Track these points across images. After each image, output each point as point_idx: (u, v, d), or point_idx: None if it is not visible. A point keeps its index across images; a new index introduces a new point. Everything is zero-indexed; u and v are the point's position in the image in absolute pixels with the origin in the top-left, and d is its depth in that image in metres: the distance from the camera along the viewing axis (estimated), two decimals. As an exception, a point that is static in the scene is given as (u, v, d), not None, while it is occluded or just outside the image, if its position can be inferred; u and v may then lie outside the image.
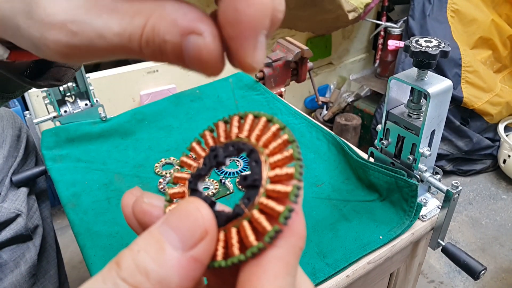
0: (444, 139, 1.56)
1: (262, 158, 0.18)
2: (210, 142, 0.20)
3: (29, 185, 0.72)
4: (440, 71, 1.47)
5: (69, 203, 0.66)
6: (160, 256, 0.15)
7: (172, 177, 0.21)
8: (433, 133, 0.58)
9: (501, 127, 1.62)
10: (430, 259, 1.33)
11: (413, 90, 0.57)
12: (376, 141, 0.64)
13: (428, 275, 1.29)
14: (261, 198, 0.17)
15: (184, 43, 0.16)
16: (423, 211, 0.61)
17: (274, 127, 0.19)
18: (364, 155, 0.69)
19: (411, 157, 0.59)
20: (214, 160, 0.20)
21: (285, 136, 0.18)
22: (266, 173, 0.18)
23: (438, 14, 1.51)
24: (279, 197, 0.17)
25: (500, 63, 1.65)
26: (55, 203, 1.42)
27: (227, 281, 0.20)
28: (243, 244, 0.17)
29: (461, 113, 1.57)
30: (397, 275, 0.68)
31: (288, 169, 0.17)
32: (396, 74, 0.57)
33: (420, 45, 0.52)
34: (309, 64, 1.16)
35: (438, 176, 0.60)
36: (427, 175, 0.60)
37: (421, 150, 0.57)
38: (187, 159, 0.21)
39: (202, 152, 0.21)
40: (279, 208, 0.17)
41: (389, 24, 1.74)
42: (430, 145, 0.59)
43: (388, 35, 1.76)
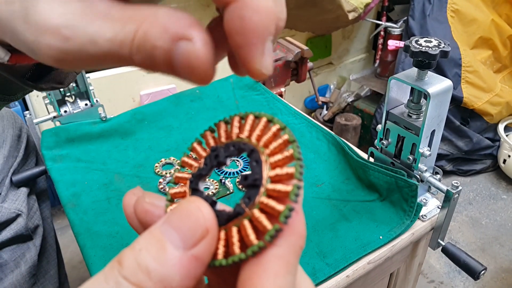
0: (444, 139, 1.56)
1: (263, 158, 0.18)
2: (211, 142, 0.21)
3: (29, 185, 0.72)
4: (440, 71, 1.47)
5: (69, 203, 0.66)
6: (162, 255, 0.16)
7: (173, 177, 0.21)
8: (433, 133, 0.58)
9: (501, 127, 1.63)
10: (430, 259, 1.33)
11: (413, 90, 0.57)
12: (376, 141, 0.64)
13: (428, 275, 1.29)
14: (262, 198, 0.17)
15: (174, 49, 0.16)
16: (423, 211, 0.61)
17: (275, 127, 0.19)
18: (364, 155, 0.69)
19: (411, 157, 0.59)
20: (215, 160, 0.20)
21: (286, 136, 0.18)
22: (267, 173, 0.18)
23: (438, 14, 1.51)
24: (280, 197, 0.17)
25: (500, 63, 1.65)
26: (55, 203, 1.42)
27: (228, 280, 0.20)
28: (244, 243, 0.17)
29: (461, 113, 1.57)
30: (397, 275, 0.68)
31: (289, 169, 0.17)
32: (396, 74, 0.57)
33: (420, 45, 0.52)
34: (309, 64, 1.16)
35: (438, 176, 0.60)
36: (427, 175, 0.60)
37: (421, 150, 0.57)
38: (188, 159, 0.21)
39: (203, 152, 0.21)
40: (280, 207, 0.17)
41: (389, 24, 1.74)
42: (430, 145, 0.59)
43: (388, 35, 1.76)
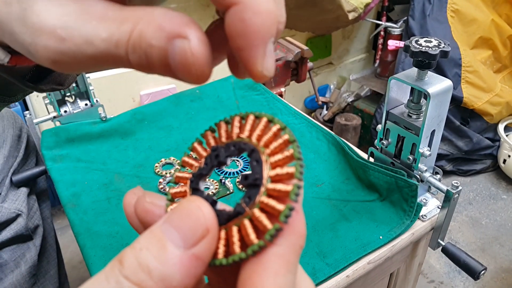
0: (444, 139, 1.56)
1: (263, 158, 0.18)
2: (212, 142, 0.21)
3: (29, 185, 0.72)
4: (440, 71, 1.47)
5: (69, 203, 0.66)
6: (162, 254, 0.16)
7: (174, 177, 0.21)
8: (433, 133, 0.58)
9: (501, 127, 1.63)
10: (430, 259, 1.33)
11: (413, 90, 0.57)
12: (376, 141, 0.64)
13: (428, 275, 1.29)
14: (262, 197, 0.17)
15: (170, 48, 0.16)
16: (423, 211, 0.61)
17: (275, 127, 0.19)
18: (364, 155, 0.69)
19: (411, 157, 0.59)
20: (216, 160, 0.20)
21: (286, 136, 0.18)
22: (267, 173, 0.18)
23: (438, 14, 1.51)
24: (280, 196, 0.17)
25: (500, 63, 1.65)
26: (55, 203, 1.42)
27: (228, 280, 0.20)
28: (244, 243, 0.18)
29: (461, 113, 1.57)
30: (397, 275, 0.68)
31: (289, 169, 0.17)
32: (396, 74, 0.57)
33: (420, 45, 0.52)
34: (309, 64, 1.17)
35: (438, 176, 0.60)
36: (427, 175, 0.60)
37: (421, 150, 0.57)
38: (189, 159, 0.21)
39: (204, 152, 0.21)
40: (280, 207, 0.17)
41: (389, 24, 1.74)
42: (430, 145, 0.59)
43: (388, 35, 1.76)
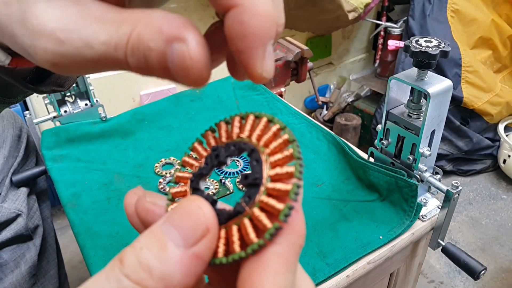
0: (444, 139, 1.56)
1: (263, 158, 0.18)
2: (212, 142, 0.21)
3: (29, 185, 0.72)
4: (440, 71, 1.47)
5: (69, 203, 0.66)
6: (163, 254, 0.16)
7: (174, 176, 0.21)
8: (433, 133, 0.58)
9: (501, 127, 1.63)
10: (430, 259, 1.33)
11: (413, 90, 0.57)
12: (376, 141, 0.64)
13: (428, 275, 1.29)
14: (262, 196, 0.17)
15: (168, 51, 0.16)
16: (423, 211, 0.61)
17: (275, 127, 0.19)
18: (364, 155, 0.69)
19: (411, 157, 0.59)
20: (216, 160, 0.20)
21: (286, 136, 0.18)
22: (267, 172, 0.18)
23: (438, 14, 1.51)
24: (280, 195, 0.17)
25: (500, 63, 1.65)
26: (55, 203, 1.42)
27: (228, 279, 0.21)
28: (244, 242, 0.18)
29: (461, 113, 1.57)
30: (397, 275, 0.68)
31: (289, 168, 0.17)
32: (396, 74, 0.57)
33: (420, 45, 0.52)
34: (309, 64, 1.17)
35: (438, 176, 0.60)
36: (427, 175, 0.60)
37: (421, 150, 0.58)
38: (189, 159, 0.21)
39: (204, 152, 0.21)
40: (279, 206, 0.17)
41: (389, 24, 1.74)
42: (430, 145, 0.59)
43: (388, 35, 1.76)
